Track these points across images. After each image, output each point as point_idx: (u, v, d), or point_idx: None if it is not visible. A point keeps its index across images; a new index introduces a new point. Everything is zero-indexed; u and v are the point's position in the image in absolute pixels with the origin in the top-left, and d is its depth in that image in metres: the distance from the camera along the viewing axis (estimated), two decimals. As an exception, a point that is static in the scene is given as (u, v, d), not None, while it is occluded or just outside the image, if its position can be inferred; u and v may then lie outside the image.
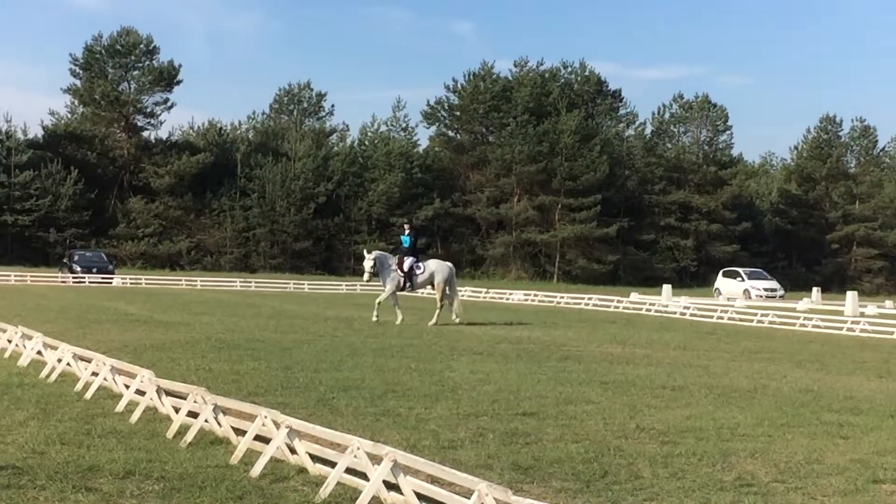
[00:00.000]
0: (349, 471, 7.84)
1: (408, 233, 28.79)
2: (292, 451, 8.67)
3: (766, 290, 59.42)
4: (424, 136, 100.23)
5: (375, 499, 7.47)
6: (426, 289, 29.42)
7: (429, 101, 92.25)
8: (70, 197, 78.67)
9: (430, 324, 27.05)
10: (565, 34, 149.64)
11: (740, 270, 64.72)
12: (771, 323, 33.92)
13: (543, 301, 47.59)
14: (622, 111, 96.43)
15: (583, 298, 46.28)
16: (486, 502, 6.50)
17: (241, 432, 9.28)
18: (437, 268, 28.39)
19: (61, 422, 10.50)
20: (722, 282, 62.60)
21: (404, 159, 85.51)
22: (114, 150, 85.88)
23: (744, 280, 61.25)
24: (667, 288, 51.36)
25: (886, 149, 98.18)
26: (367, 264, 27.62)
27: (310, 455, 8.51)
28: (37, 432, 9.83)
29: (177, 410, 10.31)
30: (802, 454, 9.79)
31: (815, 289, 57.23)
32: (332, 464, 8.04)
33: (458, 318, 28.16)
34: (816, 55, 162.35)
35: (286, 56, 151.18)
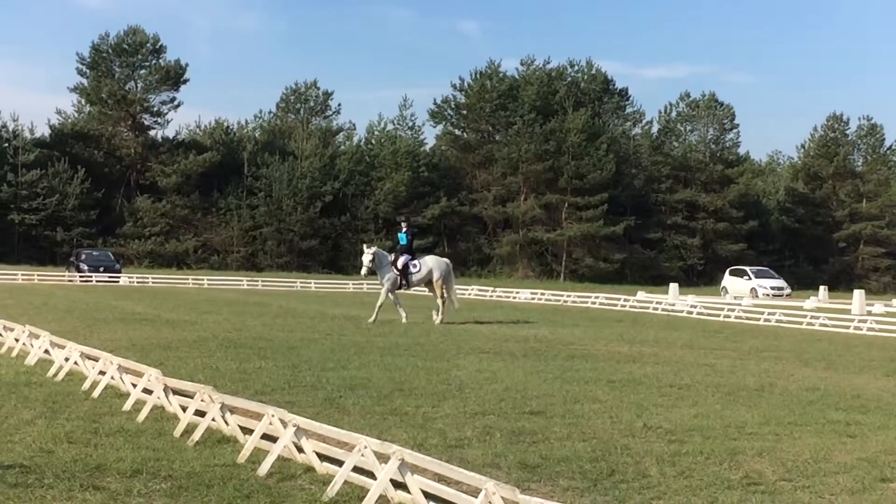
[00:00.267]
0: (356, 469, 7.84)
1: (405, 230, 28.38)
2: (299, 449, 8.68)
3: (772, 288, 59.26)
4: (431, 135, 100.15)
5: (383, 497, 7.48)
6: (425, 289, 29.12)
7: (435, 99, 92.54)
8: (77, 196, 78.70)
9: (436, 322, 27.05)
10: (571, 33, 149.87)
11: (747, 269, 64.55)
12: (778, 321, 33.88)
13: (550, 300, 47.57)
14: (629, 110, 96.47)
15: (589, 297, 46.25)
16: (494, 501, 6.50)
17: (248, 431, 9.29)
18: (434, 264, 28.10)
19: (69, 420, 10.51)
20: (729, 280, 62.47)
21: (411, 158, 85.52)
22: (121, 149, 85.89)
23: (751, 279, 61.11)
24: (673, 286, 51.28)
25: (894, 147, 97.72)
26: (366, 258, 27.28)
27: (317, 454, 8.51)
28: (44, 431, 9.85)
29: (184, 409, 10.33)
30: (810, 453, 9.78)
31: (822, 287, 57.11)
32: (340, 462, 8.05)
33: (439, 314, 27.48)
34: (823, 53, 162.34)
35: (293, 55, 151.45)
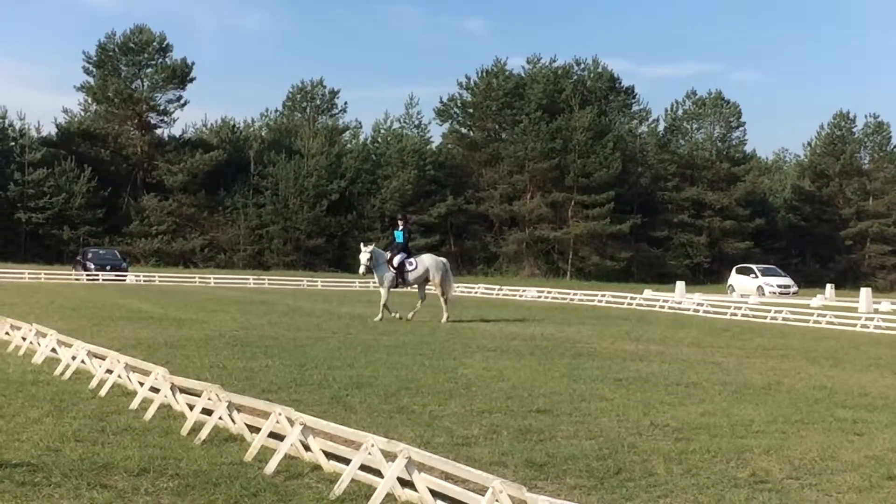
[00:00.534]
0: (363, 468, 7.84)
1: (401, 227, 28.22)
2: (306, 448, 8.68)
3: (779, 286, 59.21)
4: (437, 134, 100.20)
5: (390, 496, 7.48)
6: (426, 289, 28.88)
7: (442, 98, 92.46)
8: (83, 195, 78.85)
9: (442, 321, 27.06)
10: (578, 31, 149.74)
11: (754, 267, 64.49)
12: (784, 319, 33.83)
13: (556, 298, 47.57)
14: (635, 108, 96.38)
15: (596, 295, 46.23)
16: (501, 499, 6.50)
17: (255, 429, 9.30)
18: (431, 264, 27.94)
19: (76, 419, 10.52)
20: (735, 278, 62.41)
21: (417, 156, 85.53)
22: (127, 148, 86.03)
23: (757, 277, 61.06)
24: (680, 284, 51.20)
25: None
26: (364, 257, 27.13)
27: (324, 452, 8.52)
28: (51, 430, 9.86)
29: (191, 408, 10.33)
30: (817, 451, 9.77)
31: (828, 285, 57.00)
32: (347, 461, 8.05)
33: (413, 314, 27.28)
34: (829, 51, 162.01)
35: (299, 53, 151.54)
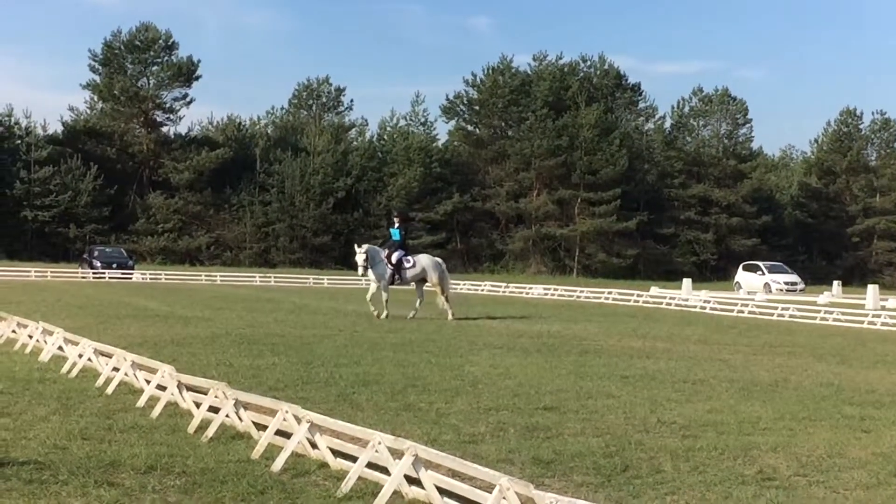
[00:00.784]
0: (370, 465, 7.85)
1: (397, 225, 28.18)
2: (313, 445, 8.68)
3: (786, 283, 59.14)
4: (443, 131, 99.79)
5: (397, 493, 7.48)
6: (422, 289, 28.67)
7: (448, 95, 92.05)
8: (90, 193, 78.85)
9: (448, 319, 27.06)
10: (584, 28, 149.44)
11: (760, 264, 64.41)
12: (791, 317, 33.80)
13: (563, 295, 47.55)
14: (641, 105, 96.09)
15: (602, 293, 46.22)
16: (508, 496, 6.49)
17: (262, 427, 9.30)
18: (428, 264, 28.01)
19: (83, 417, 10.54)
20: (742, 275, 62.36)
21: (423, 154, 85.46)
22: (133, 146, 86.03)
23: (764, 274, 60.99)
24: (687, 282, 51.19)
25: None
26: (360, 258, 26.96)
27: (331, 450, 8.52)
28: (58, 427, 9.87)
29: (198, 405, 10.34)
30: (824, 448, 9.75)
31: (835, 282, 56.96)
32: (354, 458, 8.05)
33: (414, 314, 27.15)
34: (836, 48, 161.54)
35: (304, 51, 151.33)
